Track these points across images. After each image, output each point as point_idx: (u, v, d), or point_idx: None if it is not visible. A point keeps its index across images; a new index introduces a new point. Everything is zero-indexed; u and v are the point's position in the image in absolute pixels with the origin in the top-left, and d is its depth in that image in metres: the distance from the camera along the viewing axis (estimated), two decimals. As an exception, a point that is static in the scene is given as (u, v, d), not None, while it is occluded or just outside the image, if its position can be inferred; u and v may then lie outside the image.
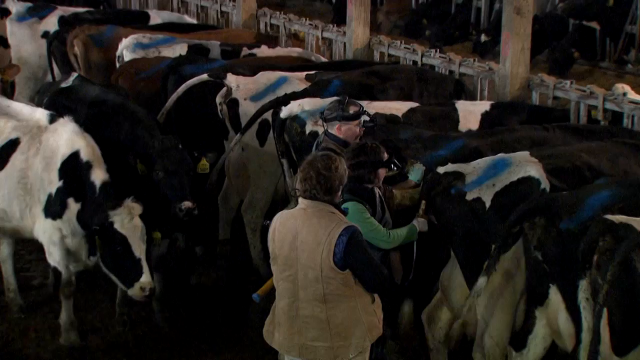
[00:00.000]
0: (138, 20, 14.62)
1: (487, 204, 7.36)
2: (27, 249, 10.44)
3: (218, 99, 10.10)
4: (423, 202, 7.48)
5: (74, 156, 8.64)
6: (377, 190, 7.41)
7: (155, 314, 9.41)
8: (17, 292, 9.33)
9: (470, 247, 7.44)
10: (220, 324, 9.19)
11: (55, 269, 8.90)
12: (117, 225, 8.26)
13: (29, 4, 14.99)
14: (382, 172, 7.39)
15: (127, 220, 8.29)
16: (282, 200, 10.00)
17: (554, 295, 6.90)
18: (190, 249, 10.44)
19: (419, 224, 7.38)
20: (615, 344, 6.30)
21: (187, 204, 8.82)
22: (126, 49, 12.24)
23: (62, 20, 14.15)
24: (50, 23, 14.17)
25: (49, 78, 13.26)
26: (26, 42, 13.91)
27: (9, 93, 12.29)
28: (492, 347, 7.30)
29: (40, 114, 9.14)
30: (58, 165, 8.66)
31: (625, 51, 17.25)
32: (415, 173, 7.69)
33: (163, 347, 8.96)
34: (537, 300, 7.02)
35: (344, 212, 6.59)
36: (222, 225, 10.63)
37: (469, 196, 7.41)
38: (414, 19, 19.30)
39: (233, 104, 10.10)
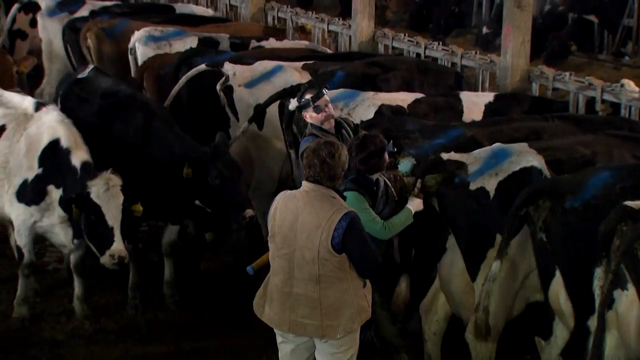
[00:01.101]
0: (165, 14, 14.65)
1: (492, 194, 7.35)
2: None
3: (218, 87, 10.12)
4: (419, 180, 7.44)
5: (55, 144, 8.65)
6: (382, 179, 7.42)
7: (166, 298, 9.42)
8: (32, 276, 9.29)
9: (473, 236, 7.43)
10: (229, 307, 9.18)
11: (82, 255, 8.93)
12: (92, 195, 8.24)
13: None
14: (387, 157, 7.43)
15: (103, 190, 8.25)
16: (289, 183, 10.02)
17: (557, 275, 6.91)
18: (200, 235, 10.44)
19: (415, 205, 7.35)
20: None
21: (249, 212, 8.83)
22: (138, 41, 12.22)
23: (92, 14, 14.13)
24: (81, 17, 14.17)
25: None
26: (57, 36, 13.83)
27: (26, 84, 12.29)
28: (484, 324, 7.25)
29: (28, 103, 9.15)
30: (39, 152, 8.67)
31: (623, 44, 17.24)
32: (405, 165, 7.65)
33: (173, 329, 8.98)
34: (547, 280, 7.02)
35: (344, 198, 6.65)
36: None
37: (473, 186, 7.40)
38: (417, 13, 19.30)
39: (229, 90, 10.12)
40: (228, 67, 10.23)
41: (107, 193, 8.27)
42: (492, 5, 18.79)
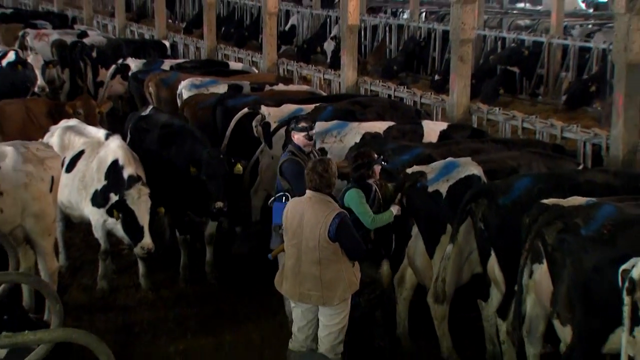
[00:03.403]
0: (221, 67, 14.84)
1: (444, 195, 7.36)
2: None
3: (254, 123, 10.10)
4: (399, 194, 7.45)
5: (115, 162, 8.66)
6: (374, 186, 7.43)
7: (208, 275, 9.39)
8: (110, 259, 9.29)
9: (431, 226, 7.43)
10: (252, 281, 9.15)
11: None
12: (128, 202, 8.25)
13: (143, 60, 15.12)
14: (377, 168, 7.42)
15: (136, 197, 8.24)
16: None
17: (492, 254, 6.93)
18: (232, 229, 10.43)
19: (395, 209, 7.34)
20: None
21: (219, 204, 8.71)
22: (184, 88, 12.30)
23: (171, 68, 14.24)
24: (163, 72, 14.20)
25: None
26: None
27: (105, 120, 12.33)
28: (442, 291, 7.29)
29: (101, 134, 9.20)
30: (105, 169, 8.69)
31: (537, 87, 17.36)
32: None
33: (213, 297, 8.97)
34: (485, 258, 7.04)
35: (337, 201, 6.69)
36: (254, 211, 10.56)
37: (430, 189, 7.40)
38: (388, 65, 19.41)
39: (267, 126, 10.10)
40: (264, 110, 10.21)
41: (139, 200, 8.26)
42: (442, 60, 18.89)
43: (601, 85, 15.30)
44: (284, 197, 7.37)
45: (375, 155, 7.42)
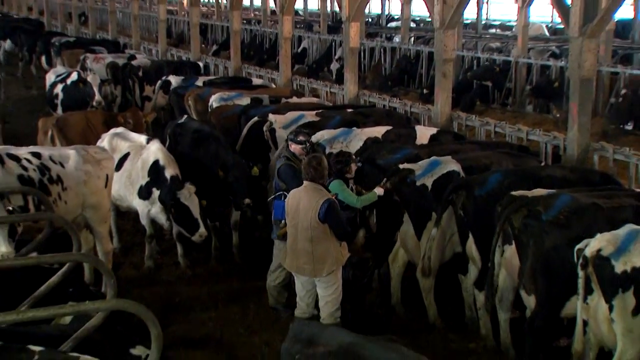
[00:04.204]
0: (245, 82, 14.68)
1: (429, 188, 7.36)
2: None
3: (264, 128, 10.11)
4: (385, 179, 7.45)
5: (156, 162, 8.67)
6: (350, 183, 7.53)
7: (234, 255, 9.37)
8: (155, 242, 9.28)
9: (418, 213, 7.43)
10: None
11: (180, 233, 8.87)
12: (182, 199, 8.30)
13: (182, 77, 15.03)
14: (353, 167, 7.53)
15: (188, 195, 8.32)
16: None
17: (470, 236, 6.93)
18: (254, 217, 10.40)
19: (379, 191, 7.38)
20: None
21: (247, 200, 8.76)
22: (214, 101, 12.28)
23: (204, 84, 14.15)
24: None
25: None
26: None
27: (150, 128, 12.33)
28: (428, 267, 7.28)
29: (143, 139, 9.19)
30: (148, 168, 8.71)
31: (506, 98, 17.31)
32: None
33: (240, 273, 8.94)
34: (464, 240, 7.03)
35: (329, 190, 6.76)
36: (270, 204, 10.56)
37: (418, 183, 7.41)
38: (384, 80, 19.40)
39: (273, 131, 10.08)
40: (271, 117, 10.18)
41: (190, 197, 8.31)
42: (428, 76, 18.84)
43: (559, 96, 15.22)
44: (282, 196, 7.37)
45: (354, 157, 7.55)
